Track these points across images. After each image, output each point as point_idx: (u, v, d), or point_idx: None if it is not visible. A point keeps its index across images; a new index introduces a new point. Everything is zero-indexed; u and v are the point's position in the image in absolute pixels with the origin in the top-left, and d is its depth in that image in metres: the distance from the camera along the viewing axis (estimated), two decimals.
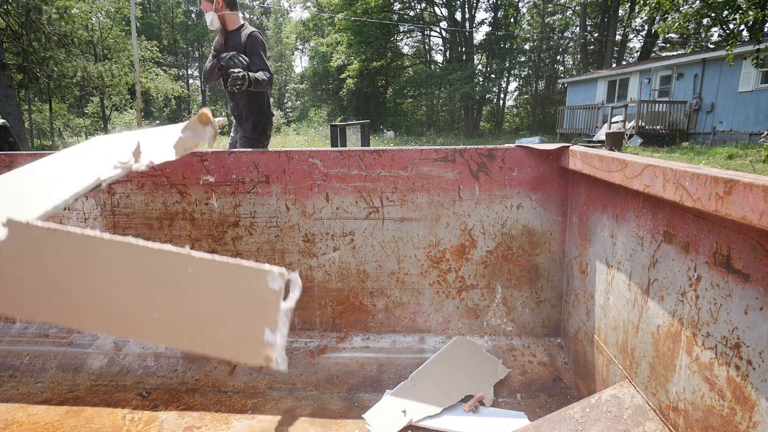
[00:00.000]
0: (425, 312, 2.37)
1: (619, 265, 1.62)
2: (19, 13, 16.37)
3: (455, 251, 2.31)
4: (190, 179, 2.35)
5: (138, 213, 2.41)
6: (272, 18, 43.87)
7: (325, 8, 34.35)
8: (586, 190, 1.96)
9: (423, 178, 2.26)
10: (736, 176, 0.94)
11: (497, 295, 2.33)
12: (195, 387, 2.18)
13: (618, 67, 23.31)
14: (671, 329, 1.29)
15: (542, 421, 1.56)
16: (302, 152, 2.31)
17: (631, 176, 1.37)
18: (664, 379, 1.33)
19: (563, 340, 2.30)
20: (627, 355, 1.55)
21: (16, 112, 15.54)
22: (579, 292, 2.05)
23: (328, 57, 33.11)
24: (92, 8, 19.38)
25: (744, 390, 1.01)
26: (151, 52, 22.76)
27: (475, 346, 2.27)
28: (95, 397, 2.11)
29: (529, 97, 36.87)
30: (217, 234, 2.38)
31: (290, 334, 2.42)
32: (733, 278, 1.06)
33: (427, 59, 36.11)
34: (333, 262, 2.36)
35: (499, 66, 32.49)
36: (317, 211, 2.33)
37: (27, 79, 20.41)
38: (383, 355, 2.30)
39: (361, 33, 29.88)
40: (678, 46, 29.97)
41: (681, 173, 1.10)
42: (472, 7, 31.42)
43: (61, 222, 2.45)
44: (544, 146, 2.12)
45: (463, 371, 2.13)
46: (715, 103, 16.16)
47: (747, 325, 1.01)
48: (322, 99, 37.72)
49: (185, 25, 40.51)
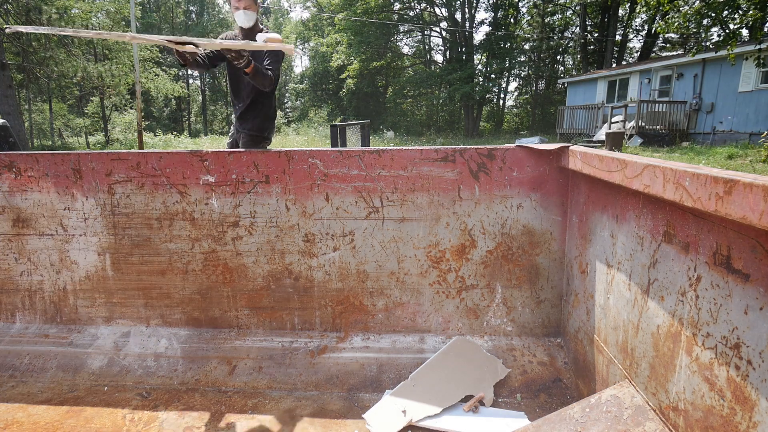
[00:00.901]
0: (425, 312, 2.37)
1: (619, 265, 1.62)
2: (19, 13, 16.37)
3: (455, 251, 2.31)
4: (190, 179, 2.35)
5: (138, 213, 2.41)
6: (272, 18, 43.87)
7: (325, 8, 34.34)
8: (586, 190, 1.96)
9: (423, 178, 2.26)
10: (736, 176, 0.94)
11: (497, 295, 2.33)
12: (195, 387, 2.18)
13: (618, 67, 23.31)
14: (671, 329, 1.29)
15: (542, 421, 1.56)
16: (302, 152, 2.31)
17: (631, 176, 1.37)
18: (664, 379, 1.33)
19: (563, 340, 2.29)
20: (627, 355, 1.55)
21: (16, 112, 15.54)
22: (579, 292, 2.04)
23: (328, 57, 33.11)
24: (92, 8, 19.37)
25: (744, 390, 1.01)
26: (151, 52, 22.72)
27: (475, 346, 2.27)
28: (95, 397, 2.11)
29: (529, 97, 36.86)
30: (217, 234, 2.38)
31: (290, 334, 2.43)
32: (733, 278, 1.06)
33: (427, 59, 36.11)
34: (333, 262, 2.36)
35: (499, 66, 32.48)
36: (317, 211, 2.33)
37: (27, 79, 20.41)
38: (383, 355, 2.30)
39: (361, 33, 29.89)
40: (678, 46, 29.98)
41: (681, 173, 1.10)
42: (472, 7, 31.42)
43: (61, 222, 2.46)
44: (544, 146, 2.12)
45: (463, 371, 2.13)
46: (715, 103, 16.16)
47: (747, 325, 1.01)
48: (322, 99, 37.72)
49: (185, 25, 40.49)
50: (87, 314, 2.54)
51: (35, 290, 2.56)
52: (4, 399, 2.11)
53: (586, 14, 29.45)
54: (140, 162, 2.36)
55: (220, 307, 2.45)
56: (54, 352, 2.41)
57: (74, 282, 2.52)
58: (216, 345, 2.39)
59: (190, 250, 2.41)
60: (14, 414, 1.99)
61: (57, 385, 2.22)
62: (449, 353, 2.23)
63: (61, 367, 2.33)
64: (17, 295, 2.57)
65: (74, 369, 2.32)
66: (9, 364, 2.36)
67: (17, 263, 2.54)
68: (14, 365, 2.35)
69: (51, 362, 2.35)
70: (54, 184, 2.43)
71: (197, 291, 2.45)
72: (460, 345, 2.28)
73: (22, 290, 2.56)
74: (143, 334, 2.47)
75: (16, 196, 2.47)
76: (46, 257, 2.51)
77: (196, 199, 2.37)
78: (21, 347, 2.44)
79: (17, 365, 2.35)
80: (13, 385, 2.23)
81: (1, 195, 2.48)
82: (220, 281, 2.42)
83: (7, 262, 2.54)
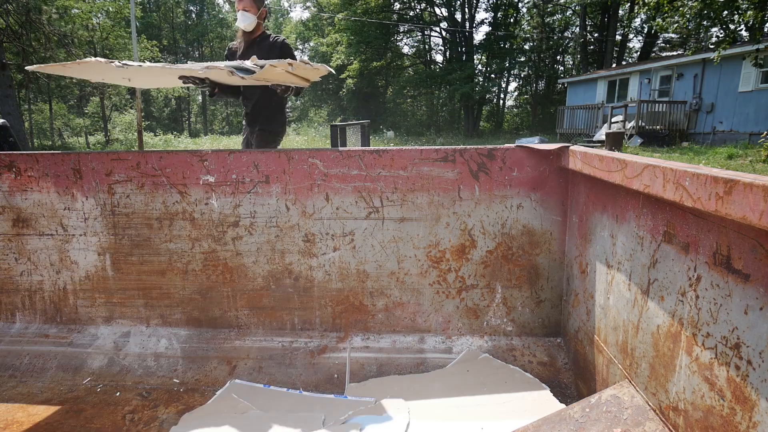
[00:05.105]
0: (425, 312, 2.37)
1: (619, 265, 1.62)
2: (19, 12, 16.37)
3: (455, 251, 2.31)
4: (190, 179, 2.35)
5: (138, 213, 2.41)
6: (272, 18, 43.86)
7: (325, 8, 34.33)
8: (586, 190, 1.96)
9: (423, 178, 2.26)
10: (736, 176, 0.94)
11: (497, 295, 2.33)
12: (195, 387, 2.18)
13: (618, 67, 23.31)
14: (671, 329, 1.29)
15: (542, 421, 1.56)
16: (302, 152, 2.31)
17: (631, 176, 1.37)
18: (664, 379, 1.33)
19: (563, 340, 2.30)
20: (627, 355, 1.55)
21: (16, 112, 15.54)
22: (579, 292, 2.05)
23: (328, 57, 33.10)
24: (92, 8, 19.37)
25: (744, 390, 1.01)
26: (151, 52, 22.74)
27: (503, 368, 2.24)
28: (95, 397, 2.11)
29: (529, 97, 36.87)
30: (217, 234, 2.38)
31: (290, 334, 2.43)
32: (733, 278, 1.06)
33: (427, 59, 36.11)
34: (333, 262, 2.36)
35: (499, 66, 32.49)
36: (317, 211, 2.33)
37: (27, 79, 20.40)
38: (383, 355, 2.30)
39: (361, 33, 29.89)
40: (678, 47, 29.97)
41: (681, 173, 1.10)
42: (472, 7, 31.42)
43: (61, 222, 2.46)
44: (544, 146, 2.12)
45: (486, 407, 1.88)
46: (715, 103, 16.16)
47: (747, 325, 1.01)
48: (322, 99, 37.71)
49: (185, 25, 40.48)
50: (87, 314, 2.54)
51: (35, 290, 2.56)
52: (4, 399, 2.11)
53: (586, 14, 29.45)
54: (140, 162, 2.36)
55: (220, 307, 2.45)
56: (54, 352, 2.40)
57: (74, 282, 2.52)
58: (216, 345, 2.39)
59: (190, 250, 2.41)
60: (14, 414, 1.99)
61: (57, 385, 2.22)
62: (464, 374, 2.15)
63: (61, 367, 2.33)
64: (17, 295, 2.57)
65: (74, 369, 2.32)
66: (9, 364, 2.36)
67: (17, 263, 2.54)
68: (14, 365, 2.35)
69: (51, 362, 2.35)
70: (54, 184, 2.43)
71: (197, 291, 2.45)
72: (479, 364, 2.26)
73: (22, 290, 2.56)
74: (143, 334, 2.47)
75: (16, 196, 2.47)
76: (46, 257, 2.51)
77: (196, 199, 2.37)
78: (21, 347, 2.44)
79: (17, 365, 2.35)
80: (13, 385, 2.23)
81: (1, 195, 2.48)
82: (220, 281, 2.42)
83: (7, 262, 2.54)
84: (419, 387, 2.07)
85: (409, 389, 2.06)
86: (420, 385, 2.09)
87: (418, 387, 2.07)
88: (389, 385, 2.10)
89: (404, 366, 2.24)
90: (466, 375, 2.12)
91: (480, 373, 2.13)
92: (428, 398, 1.99)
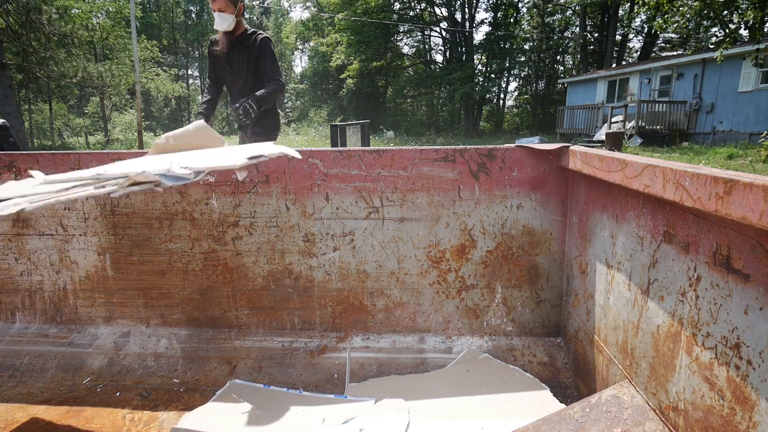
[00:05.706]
0: (425, 312, 2.37)
1: (619, 265, 1.62)
2: (19, 12, 16.37)
3: (455, 251, 2.31)
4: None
5: (138, 213, 2.41)
6: (272, 18, 43.86)
7: (325, 8, 34.33)
8: (586, 190, 1.96)
9: (423, 178, 2.26)
10: (736, 176, 0.94)
11: (497, 295, 2.33)
12: (195, 387, 2.18)
13: (618, 67, 23.31)
14: (671, 329, 1.29)
15: (542, 421, 1.56)
16: (302, 152, 2.31)
17: (631, 176, 1.37)
18: (664, 379, 1.33)
19: (563, 340, 2.30)
20: (627, 355, 1.55)
21: (16, 112, 15.54)
22: (579, 292, 2.05)
23: (328, 57, 33.11)
24: (92, 8, 19.37)
25: (744, 390, 1.01)
26: (151, 52, 22.74)
27: (505, 368, 2.25)
28: (95, 397, 2.11)
29: (529, 97, 36.87)
30: (217, 234, 2.38)
31: (290, 334, 2.43)
32: (733, 278, 1.06)
33: (427, 59, 36.11)
34: (333, 262, 2.36)
35: (499, 66, 32.49)
36: (317, 211, 2.33)
37: (27, 79, 20.40)
38: (383, 355, 2.30)
39: (361, 33, 29.89)
40: (678, 47, 29.97)
41: (681, 173, 1.10)
42: (472, 7, 31.42)
43: (61, 222, 2.46)
44: (544, 146, 2.12)
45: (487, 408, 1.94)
46: (715, 103, 16.16)
47: (747, 325, 1.01)
48: (322, 99, 37.72)
49: (185, 25, 40.49)
50: (87, 314, 2.54)
51: (35, 290, 2.56)
52: (4, 399, 2.11)
53: (586, 14, 29.45)
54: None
55: (220, 307, 2.45)
56: (54, 352, 2.41)
57: (74, 282, 2.52)
58: (216, 345, 2.39)
59: (190, 250, 2.41)
60: (14, 414, 1.99)
61: (57, 385, 2.22)
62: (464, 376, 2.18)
63: (61, 367, 2.33)
64: (17, 295, 2.57)
65: (74, 369, 2.32)
66: (9, 364, 2.36)
67: (17, 263, 2.54)
68: (14, 365, 2.35)
69: (51, 362, 2.35)
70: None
71: (197, 291, 2.45)
72: (480, 364, 2.27)
73: (22, 290, 2.56)
74: (143, 334, 2.47)
75: None
76: (46, 257, 2.51)
77: (196, 199, 2.37)
78: (21, 347, 2.44)
79: (17, 365, 2.35)
80: (13, 385, 2.23)
81: None
82: (220, 281, 2.42)
83: (7, 262, 2.54)
84: (419, 387, 2.07)
85: (409, 389, 2.06)
86: (420, 385, 2.09)
87: (418, 387, 2.07)
88: (389, 385, 2.10)
89: (404, 366, 2.24)
90: (466, 375, 2.12)
91: (480, 373, 2.13)
92: (428, 398, 1.99)
